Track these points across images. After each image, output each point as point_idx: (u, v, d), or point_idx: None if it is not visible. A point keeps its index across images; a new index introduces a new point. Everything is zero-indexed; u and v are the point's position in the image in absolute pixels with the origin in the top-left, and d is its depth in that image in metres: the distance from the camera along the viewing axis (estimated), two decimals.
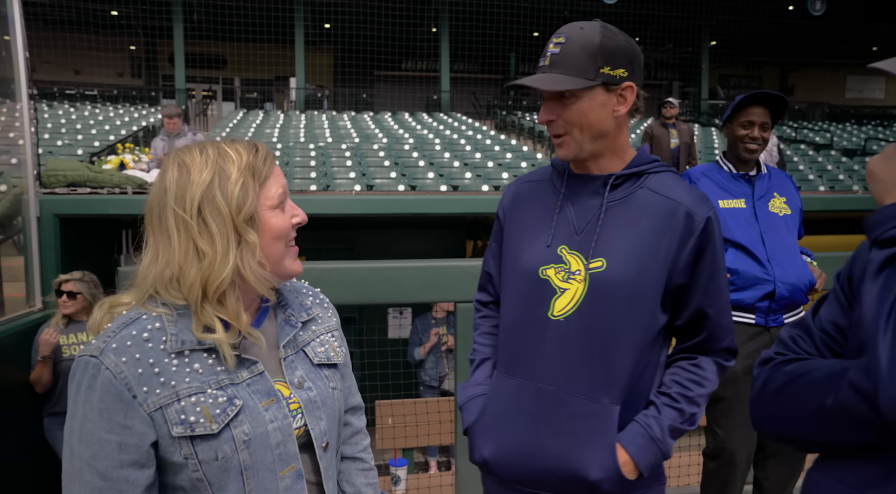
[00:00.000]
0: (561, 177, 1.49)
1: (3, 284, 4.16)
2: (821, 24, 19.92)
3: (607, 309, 1.36)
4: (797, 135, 16.93)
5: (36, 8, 15.22)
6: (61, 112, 15.21)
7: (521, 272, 1.46)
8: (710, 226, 1.38)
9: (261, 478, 1.03)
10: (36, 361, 3.55)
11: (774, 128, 2.60)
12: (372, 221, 6.70)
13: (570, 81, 1.33)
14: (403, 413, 4.14)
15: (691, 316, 1.43)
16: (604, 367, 1.37)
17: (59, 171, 4.82)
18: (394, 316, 5.72)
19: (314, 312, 1.22)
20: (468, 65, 21.99)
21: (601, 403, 1.37)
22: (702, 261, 1.39)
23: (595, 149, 1.40)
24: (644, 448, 1.37)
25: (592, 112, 1.36)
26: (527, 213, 1.51)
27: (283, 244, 1.08)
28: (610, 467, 1.35)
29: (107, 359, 0.97)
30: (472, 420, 1.51)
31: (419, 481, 4.07)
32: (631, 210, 1.39)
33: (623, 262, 1.36)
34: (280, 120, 15.71)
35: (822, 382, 0.85)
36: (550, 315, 1.40)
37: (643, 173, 1.43)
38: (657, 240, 1.37)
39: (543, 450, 1.39)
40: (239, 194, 1.02)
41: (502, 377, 1.48)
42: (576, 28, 1.37)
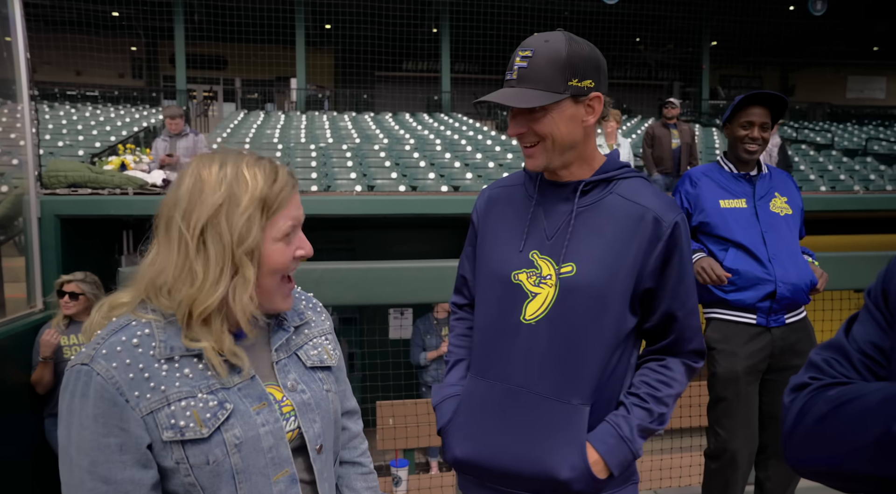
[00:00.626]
0: (533, 182, 1.52)
1: (4, 285, 4.16)
2: (821, 24, 19.92)
3: (577, 313, 1.40)
4: (798, 136, 16.92)
5: (37, 9, 15.24)
6: (62, 113, 15.21)
7: (495, 276, 1.49)
8: (677, 230, 1.41)
9: (254, 483, 1.03)
10: (37, 362, 3.55)
11: (778, 129, 2.60)
12: (373, 222, 6.70)
13: (539, 96, 1.34)
14: (404, 413, 4.13)
15: (660, 319, 1.47)
16: (573, 369, 1.40)
17: (60, 172, 4.82)
18: (395, 317, 5.72)
19: (307, 316, 1.23)
20: (469, 65, 21.98)
21: (571, 404, 1.40)
22: (670, 266, 1.42)
23: (565, 159, 1.43)
24: (614, 447, 1.40)
25: (562, 124, 1.38)
26: (500, 218, 1.54)
27: (277, 278, 1.07)
28: (580, 466, 1.38)
29: (97, 366, 0.97)
30: (446, 420, 1.54)
31: (420, 482, 4.07)
32: (600, 215, 1.43)
33: (592, 267, 1.40)
34: (281, 120, 15.72)
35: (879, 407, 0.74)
36: (522, 318, 1.43)
37: (612, 179, 1.46)
38: (625, 245, 1.40)
39: (515, 450, 1.42)
40: (244, 226, 1.00)
41: (476, 378, 1.51)
42: (541, 41, 1.37)
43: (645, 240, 1.40)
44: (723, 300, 2.45)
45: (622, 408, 1.45)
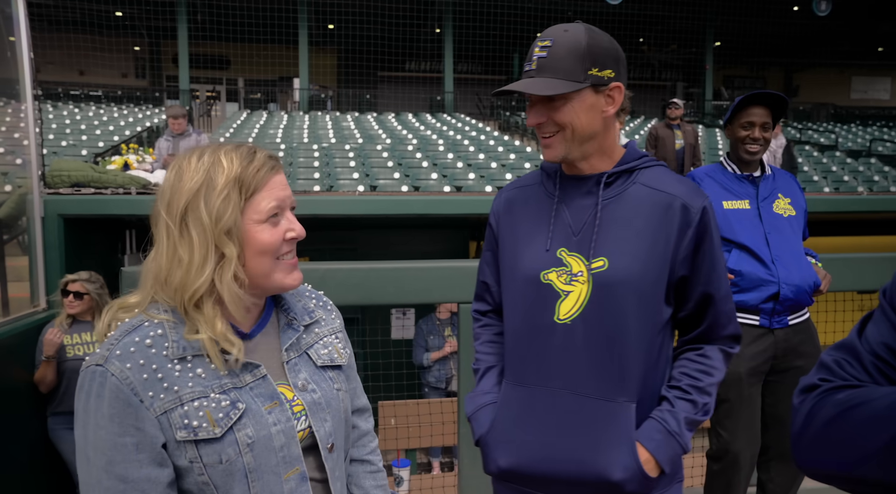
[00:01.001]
0: (552, 179, 1.49)
1: (7, 284, 4.17)
2: (826, 25, 19.87)
3: (613, 308, 1.36)
4: (802, 136, 16.88)
5: (40, 9, 15.27)
6: (66, 112, 15.25)
7: (522, 278, 1.45)
8: (706, 215, 1.39)
9: (265, 481, 1.03)
10: (40, 361, 3.56)
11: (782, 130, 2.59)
12: (375, 222, 6.70)
13: (559, 85, 1.33)
14: (406, 414, 4.13)
15: (695, 306, 1.44)
16: (616, 366, 1.37)
17: (64, 172, 4.83)
18: (397, 317, 5.72)
19: (317, 315, 1.23)
20: (472, 65, 21.97)
21: (617, 402, 1.37)
22: (701, 252, 1.40)
23: (585, 150, 1.40)
24: (663, 443, 1.37)
25: (582, 113, 1.36)
26: (521, 219, 1.51)
27: (269, 259, 1.07)
28: (632, 466, 1.35)
29: (112, 366, 0.98)
30: (484, 429, 1.49)
31: (422, 482, 4.07)
32: (626, 206, 1.40)
33: (625, 259, 1.37)
34: (284, 120, 15.73)
35: (888, 412, 0.73)
36: (556, 319, 1.40)
37: (634, 169, 1.43)
38: (656, 235, 1.37)
39: (562, 455, 1.38)
40: (220, 206, 1.02)
41: (512, 385, 1.47)
42: (560, 31, 1.36)
43: (675, 228, 1.37)
44: None
45: (666, 403, 1.41)
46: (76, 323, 3.72)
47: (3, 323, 3.59)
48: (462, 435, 2.73)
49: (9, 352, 3.44)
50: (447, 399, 4.58)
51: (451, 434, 3.87)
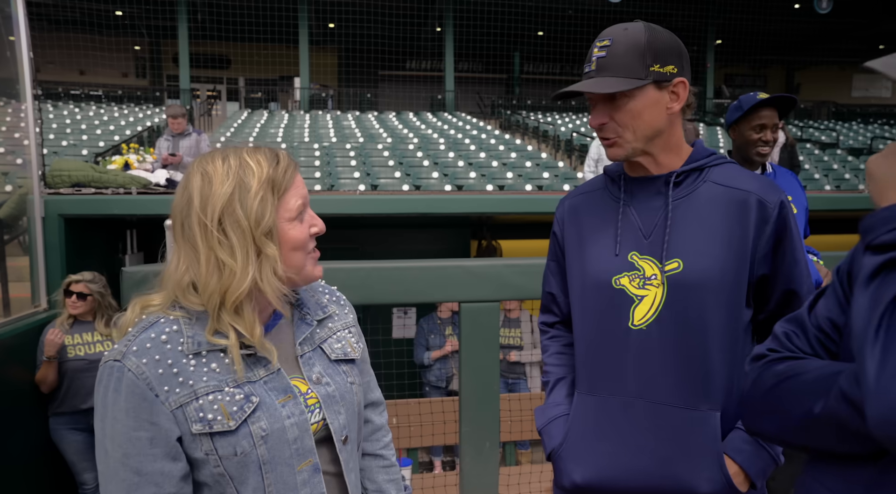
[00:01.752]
0: (616, 182, 1.44)
1: (8, 284, 4.17)
2: (827, 23, 19.83)
3: (690, 311, 1.31)
4: (803, 134, 16.86)
5: (40, 8, 15.28)
6: (66, 112, 15.26)
7: (593, 285, 1.40)
8: (784, 210, 1.33)
9: (279, 472, 1.06)
10: (41, 361, 3.55)
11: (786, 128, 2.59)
12: (376, 221, 6.70)
13: (620, 82, 1.29)
14: (408, 413, 4.13)
15: (777, 306, 1.37)
16: (698, 372, 1.31)
17: (64, 172, 4.82)
18: (398, 316, 5.71)
19: (330, 310, 1.25)
20: (472, 64, 21.97)
21: (700, 410, 1.31)
22: (781, 248, 1.34)
23: (649, 148, 1.36)
24: (752, 455, 1.30)
25: (646, 111, 1.31)
26: (586, 225, 1.45)
27: (302, 254, 1.11)
28: (720, 479, 1.29)
29: (128, 362, 1.01)
30: (558, 443, 1.44)
31: (423, 481, 4.06)
32: (698, 205, 1.34)
33: (700, 260, 1.31)
34: (284, 120, 15.73)
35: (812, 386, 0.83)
36: (631, 325, 1.34)
37: (703, 167, 1.38)
38: (731, 232, 1.31)
39: (643, 468, 1.33)
40: (258, 208, 1.04)
41: (585, 396, 1.42)
42: (619, 29, 1.33)
43: (752, 225, 1.31)
44: None
45: None
46: (77, 323, 3.71)
47: (3, 323, 3.58)
48: (463, 434, 2.73)
49: (10, 353, 3.43)
50: (448, 398, 4.57)
51: (453, 434, 3.87)
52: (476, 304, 2.69)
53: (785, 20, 19.97)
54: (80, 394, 3.60)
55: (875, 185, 0.83)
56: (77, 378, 3.60)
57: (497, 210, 5.73)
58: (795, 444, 0.89)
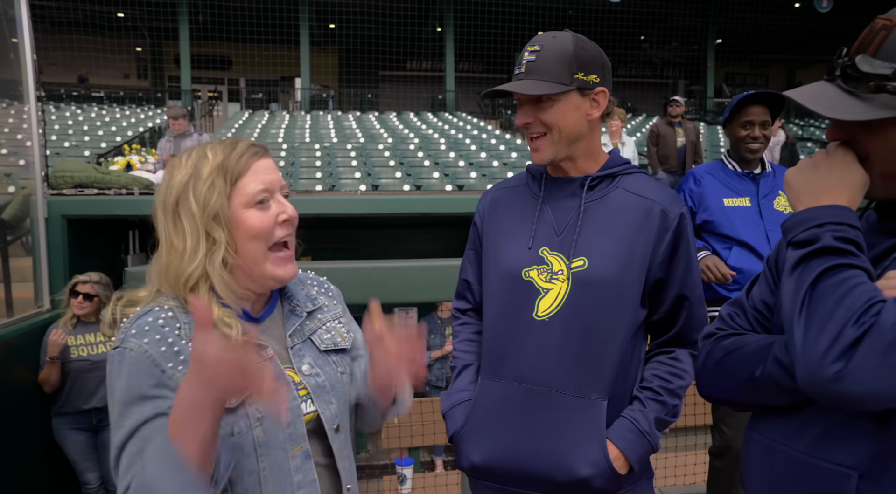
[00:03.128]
0: (537, 181, 1.54)
1: (11, 285, 4.19)
2: (827, 21, 19.81)
3: (591, 307, 1.40)
4: (804, 133, 16.85)
5: (43, 10, 15.30)
6: (68, 113, 15.29)
7: (504, 275, 1.49)
8: (683, 221, 1.45)
9: (274, 456, 1.07)
10: (44, 362, 3.57)
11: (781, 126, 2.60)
12: (377, 221, 6.70)
13: (547, 86, 1.39)
14: (409, 412, 4.14)
15: (668, 309, 1.49)
16: (591, 364, 1.40)
17: (67, 173, 4.84)
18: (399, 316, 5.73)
19: (319, 301, 1.26)
20: (473, 64, 21.97)
21: (590, 399, 1.40)
22: (677, 256, 1.45)
23: (570, 152, 1.45)
24: (633, 442, 1.41)
25: (568, 115, 1.42)
26: (505, 218, 1.55)
27: (261, 245, 1.09)
28: (601, 463, 1.38)
29: (129, 344, 1.02)
30: (458, 426, 1.53)
31: (425, 480, 4.07)
32: (608, 209, 1.45)
33: (604, 260, 1.41)
34: (285, 120, 15.75)
35: (752, 356, 1.02)
36: (535, 315, 1.43)
37: (617, 174, 1.48)
38: (635, 237, 1.42)
39: (533, 450, 1.42)
40: (206, 193, 1.06)
41: (487, 381, 1.50)
42: (549, 37, 1.43)
43: (654, 232, 1.42)
44: (726, 298, 2.45)
45: (637, 403, 1.45)
46: (81, 323, 3.73)
47: (7, 323, 3.60)
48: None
49: (13, 353, 3.45)
50: None
51: None
52: None
53: (785, 19, 19.95)
54: (83, 395, 3.61)
55: (792, 193, 1.01)
56: (80, 378, 3.62)
57: None
58: (742, 403, 1.08)
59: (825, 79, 1.06)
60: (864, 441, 0.88)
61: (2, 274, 4.27)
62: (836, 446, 0.91)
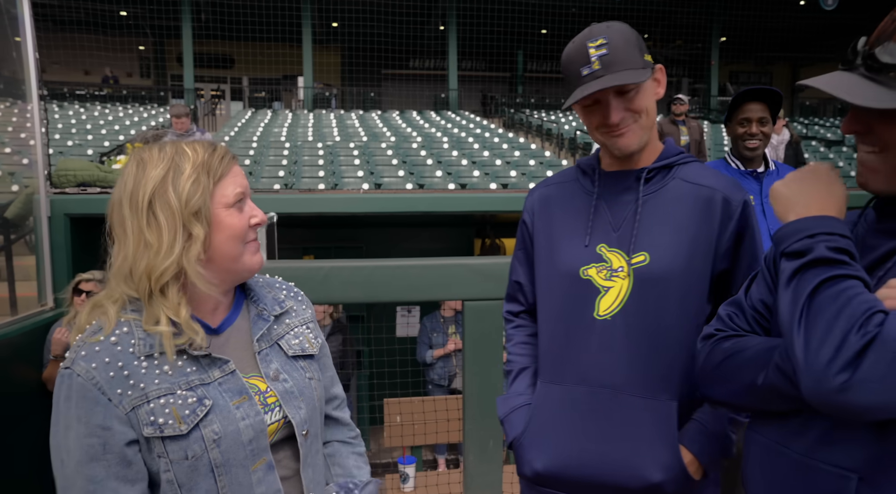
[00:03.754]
0: (588, 176, 1.47)
1: (15, 283, 4.19)
2: (832, 19, 19.74)
3: (655, 303, 1.35)
4: (809, 132, 16.80)
5: (45, 9, 15.33)
6: (71, 112, 15.31)
7: (561, 274, 1.43)
8: (747, 209, 1.39)
9: (234, 475, 1.05)
10: (48, 360, 3.57)
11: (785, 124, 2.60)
12: (380, 220, 6.70)
13: (638, 73, 1.32)
14: (412, 411, 4.14)
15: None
16: (659, 363, 1.35)
17: (70, 171, 4.85)
18: (402, 315, 5.71)
19: (287, 305, 1.24)
20: (476, 63, 21.95)
21: (660, 400, 1.35)
22: (743, 245, 1.39)
23: (649, 137, 1.40)
24: (707, 445, 1.34)
25: (650, 97, 1.37)
26: (558, 215, 1.48)
27: (240, 243, 1.11)
28: (674, 467, 1.33)
29: (78, 367, 0.99)
30: (519, 431, 1.46)
31: (427, 479, 4.07)
32: (667, 201, 1.38)
33: (666, 254, 1.35)
34: (288, 119, 15.75)
35: (752, 361, 1.01)
36: (596, 315, 1.37)
37: (672, 165, 1.42)
38: (697, 228, 1.36)
39: (601, 455, 1.36)
40: (190, 189, 1.05)
41: (548, 385, 1.44)
42: (605, 28, 1.35)
43: (716, 221, 1.36)
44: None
45: (706, 405, 1.38)
46: None
47: (11, 322, 3.60)
48: (467, 432, 2.74)
49: (17, 351, 3.45)
50: (452, 396, 4.58)
51: (457, 431, 3.88)
52: (480, 302, 2.69)
53: (790, 17, 19.88)
54: None
55: (780, 205, 1.00)
56: None
57: (500, 208, 5.72)
58: (742, 406, 1.09)
59: (842, 68, 1.05)
60: (863, 443, 0.88)
61: (5, 273, 4.28)
62: (835, 448, 0.91)
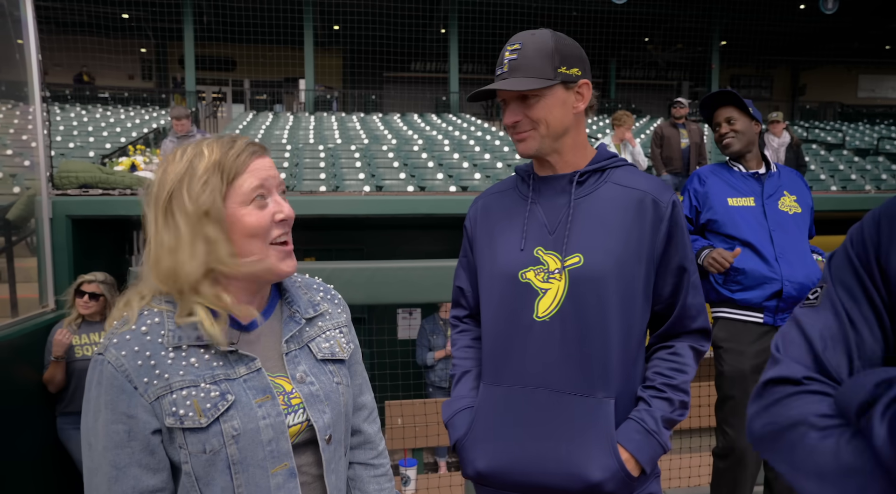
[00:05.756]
0: (526, 181, 1.53)
1: (16, 285, 4.20)
2: (833, 23, 19.76)
3: (590, 304, 1.38)
4: (809, 135, 16.80)
5: (48, 11, 15.36)
6: (73, 114, 15.33)
7: (500, 278, 1.47)
8: (675, 209, 1.44)
9: (251, 474, 1.04)
10: (49, 361, 3.58)
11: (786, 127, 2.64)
12: (381, 222, 6.71)
13: (533, 82, 1.38)
14: (413, 413, 4.14)
15: (671, 291, 1.46)
16: (594, 362, 1.38)
17: (72, 173, 4.86)
18: (403, 317, 5.72)
19: (322, 308, 1.23)
20: (477, 65, 21.97)
21: (596, 398, 1.37)
22: (673, 244, 1.44)
23: (558, 146, 1.45)
24: (643, 443, 1.37)
25: (555, 109, 1.41)
26: (496, 221, 1.53)
27: (260, 242, 1.08)
28: (612, 466, 1.35)
29: (109, 355, 1.02)
30: (461, 434, 1.50)
31: (429, 481, 4.07)
32: (599, 203, 1.43)
33: (599, 255, 1.39)
34: (290, 121, 15.77)
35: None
36: (535, 317, 1.41)
37: (605, 168, 1.47)
38: (629, 229, 1.40)
39: (541, 455, 1.39)
40: (200, 191, 1.04)
41: (490, 387, 1.48)
42: (528, 35, 1.43)
43: (648, 223, 1.41)
44: (730, 299, 2.45)
45: (642, 403, 1.42)
46: (85, 323, 3.74)
47: (12, 323, 3.61)
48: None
49: (18, 352, 3.46)
50: None
51: None
52: None
53: (790, 20, 19.89)
54: None
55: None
56: (84, 377, 3.61)
57: None
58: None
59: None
60: None
61: (6, 275, 4.29)
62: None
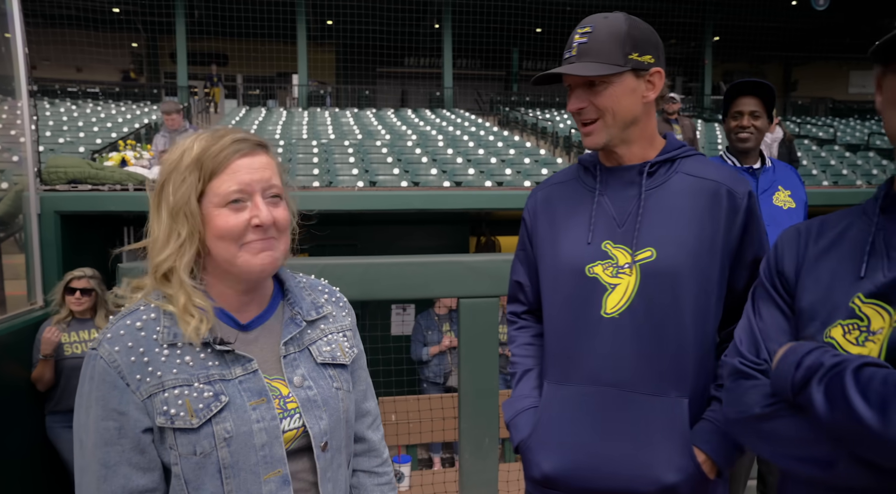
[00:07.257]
0: (590, 172, 1.45)
1: (4, 282, 4.15)
2: (824, 19, 19.82)
3: (662, 300, 1.32)
4: (801, 131, 16.86)
5: (35, 4, 15.21)
6: (63, 109, 15.21)
7: (566, 272, 1.40)
8: (751, 200, 1.37)
9: (242, 479, 1.01)
10: (37, 359, 3.54)
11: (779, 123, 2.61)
12: (375, 217, 6.68)
13: (601, 68, 1.31)
14: (406, 409, 4.12)
15: (741, 292, 1.38)
16: (666, 360, 1.32)
17: (60, 168, 4.80)
18: (397, 313, 5.69)
19: (325, 310, 1.19)
20: (471, 61, 21.91)
21: (670, 397, 1.32)
22: (749, 237, 1.37)
23: (626, 136, 1.37)
24: (720, 444, 1.31)
25: (624, 97, 1.33)
26: (560, 213, 1.45)
27: (231, 244, 1.03)
28: (688, 468, 1.30)
29: (102, 350, 1.00)
30: (526, 434, 1.44)
31: (423, 477, 4.06)
32: (671, 195, 1.36)
33: (672, 249, 1.32)
34: (283, 117, 15.69)
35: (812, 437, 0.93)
36: (603, 313, 1.34)
37: (675, 158, 1.40)
38: (703, 222, 1.34)
39: (612, 456, 1.33)
40: (178, 187, 1.03)
41: (554, 385, 1.41)
42: (600, 17, 1.34)
43: (723, 215, 1.34)
44: None
45: (716, 403, 1.34)
46: (75, 320, 3.70)
47: (0, 320, 3.57)
48: (463, 431, 2.72)
49: (6, 350, 3.42)
50: (447, 394, 4.57)
51: (452, 430, 3.86)
52: (475, 300, 2.68)
53: (783, 16, 19.94)
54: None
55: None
56: (74, 376, 3.56)
57: (495, 206, 5.72)
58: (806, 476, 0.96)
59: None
60: None
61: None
62: None
